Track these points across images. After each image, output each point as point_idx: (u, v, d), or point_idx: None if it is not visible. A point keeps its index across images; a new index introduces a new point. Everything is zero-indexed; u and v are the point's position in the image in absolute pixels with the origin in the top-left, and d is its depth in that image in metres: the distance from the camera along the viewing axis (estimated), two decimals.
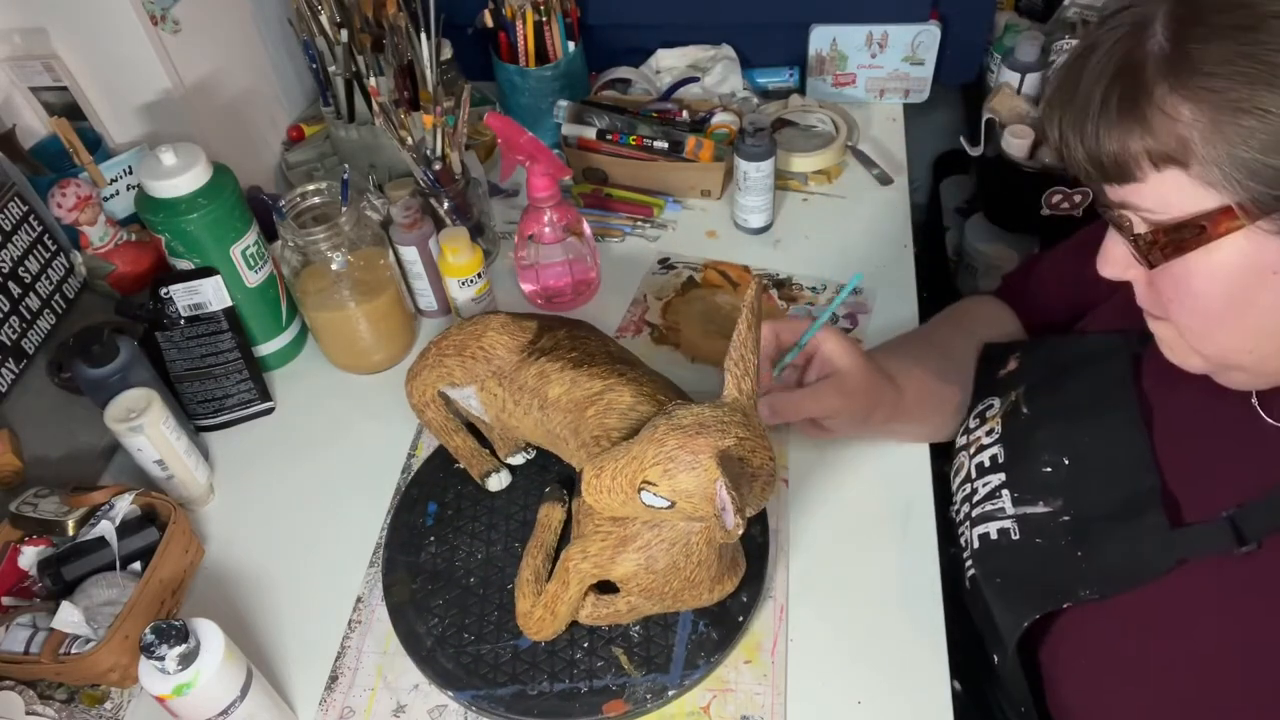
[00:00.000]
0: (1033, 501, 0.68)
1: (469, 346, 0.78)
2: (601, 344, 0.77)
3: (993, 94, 1.18)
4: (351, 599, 0.78)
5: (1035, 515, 0.67)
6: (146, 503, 0.79)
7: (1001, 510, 0.69)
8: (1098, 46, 0.51)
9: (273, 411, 0.94)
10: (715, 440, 0.57)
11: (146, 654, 0.59)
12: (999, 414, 0.74)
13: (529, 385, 0.74)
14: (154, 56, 0.98)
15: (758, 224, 1.07)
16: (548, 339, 0.76)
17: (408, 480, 0.86)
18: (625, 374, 0.72)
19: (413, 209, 0.93)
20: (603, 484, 0.61)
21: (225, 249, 0.87)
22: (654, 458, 0.58)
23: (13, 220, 0.96)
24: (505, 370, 0.76)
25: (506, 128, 0.94)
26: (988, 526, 0.70)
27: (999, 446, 0.72)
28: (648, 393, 0.70)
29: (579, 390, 0.72)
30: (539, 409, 0.74)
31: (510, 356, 0.76)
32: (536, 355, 0.75)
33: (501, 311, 0.81)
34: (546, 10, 1.12)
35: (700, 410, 0.60)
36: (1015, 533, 0.68)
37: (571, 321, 0.79)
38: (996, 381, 0.77)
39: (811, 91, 1.25)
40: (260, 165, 1.17)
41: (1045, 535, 0.66)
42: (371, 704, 0.72)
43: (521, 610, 0.72)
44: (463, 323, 0.80)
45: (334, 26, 1.03)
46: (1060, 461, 0.67)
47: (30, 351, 0.98)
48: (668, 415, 0.60)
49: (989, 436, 0.74)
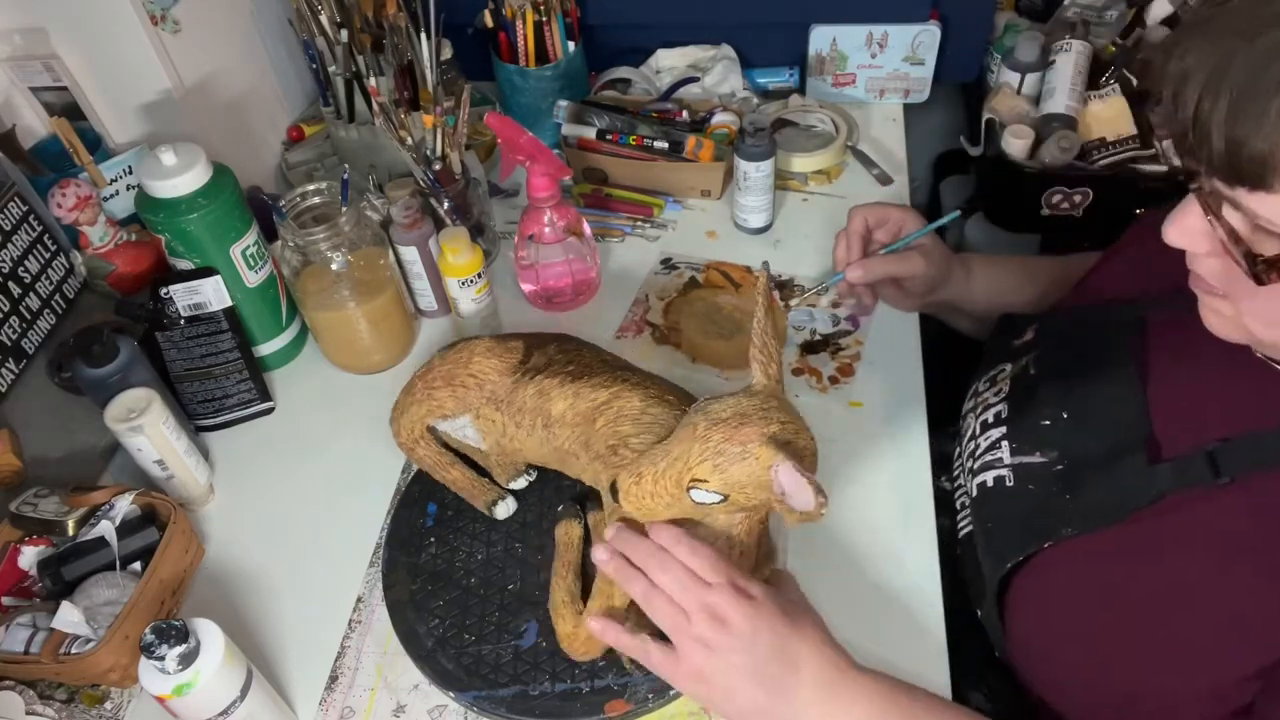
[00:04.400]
0: (1030, 452, 0.69)
1: (457, 375, 0.76)
2: (595, 354, 0.76)
3: (993, 94, 1.18)
4: (351, 599, 0.78)
5: (1031, 464, 0.68)
6: (146, 503, 0.79)
7: (1000, 460, 0.71)
8: (1269, 32, 0.45)
9: (273, 411, 0.94)
10: (760, 428, 0.57)
11: (146, 654, 0.59)
12: (1009, 375, 0.76)
13: (529, 405, 0.73)
14: (154, 56, 0.98)
15: (758, 224, 1.07)
16: (539, 356, 0.75)
17: (408, 480, 0.86)
18: (628, 380, 0.72)
19: (413, 209, 0.93)
20: (644, 489, 0.60)
21: (225, 249, 0.87)
22: (700, 454, 0.58)
23: (13, 220, 0.96)
24: (500, 394, 0.75)
25: (506, 128, 0.94)
26: (985, 475, 0.72)
27: (1004, 404, 0.74)
28: (655, 395, 0.70)
29: (584, 403, 0.71)
30: (543, 428, 0.73)
31: (502, 379, 0.75)
32: (531, 374, 0.74)
33: (483, 336, 0.80)
34: (546, 10, 1.12)
35: (736, 401, 0.59)
36: (1010, 479, 0.69)
37: (558, 336, 0.79)
38: (1011, 349, 0.79)
39: (811, 91, 1.25)
40: (260, 165, 1.17)
41: (1038, 483, 0.67)
42: (371, 704, 0.72)
43: (564, 633, 0.70)
44: (444, 351, 0.78)
45: (334, 26, 1.03)
46: (1059, 415, 0.69)
47: (30, 351, 0.98)
48: (704, 412, 0.60)
49: (996, 396, 0.76)
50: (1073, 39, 1.12)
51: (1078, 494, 0.64)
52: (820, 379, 0.91)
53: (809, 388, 0.91)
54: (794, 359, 0.93)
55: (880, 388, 0.90)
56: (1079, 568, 0.64)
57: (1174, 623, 0.58)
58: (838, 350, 0.94)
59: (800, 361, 0.93)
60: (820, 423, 0.87)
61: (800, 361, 0.93)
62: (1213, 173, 0.49)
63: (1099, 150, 1.11)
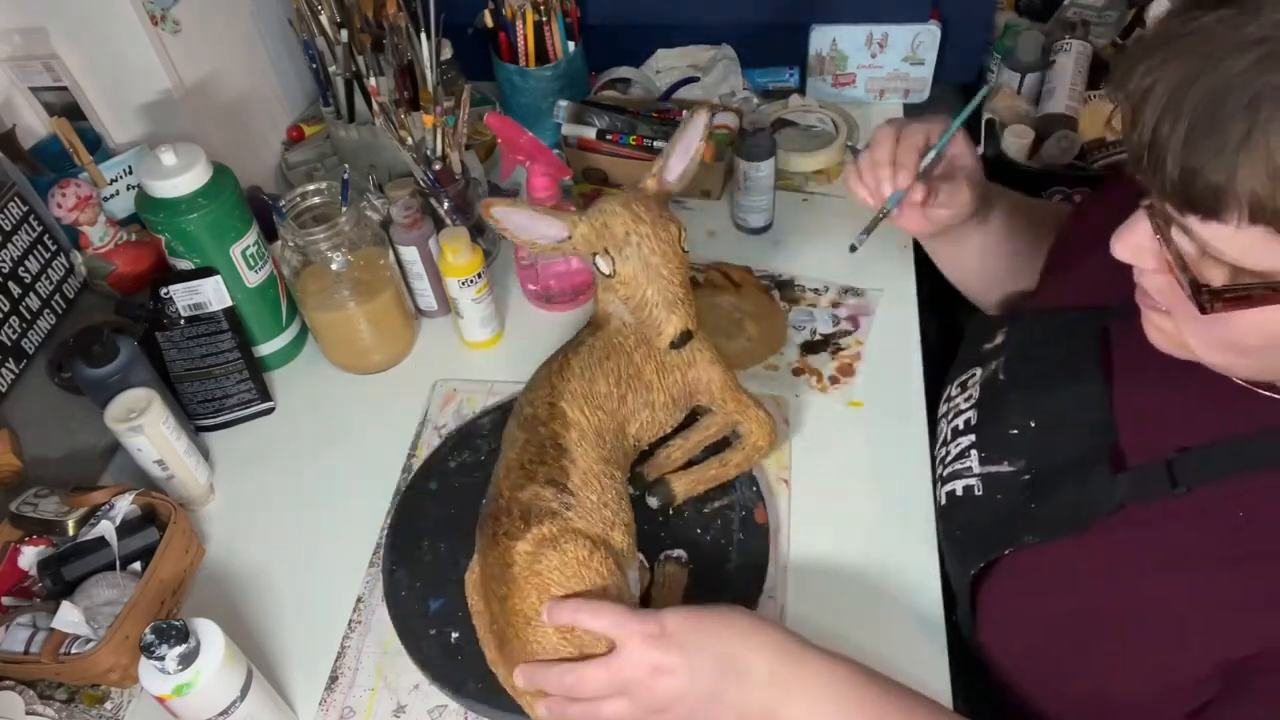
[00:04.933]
0: (998, 461, 0.69)
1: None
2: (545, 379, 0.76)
3: (993, 94, 1.18)
4: (351, 599, 0.78)
5: (999, 474, 0.68)
6: (146, 503, 0.79)
7: (969, 469, 0.71)
8: (1235, 58, 0.44)
9: (273, 411, 0.94)
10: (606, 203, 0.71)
11: (146, 654, 0.59)
12: (979, 381, 0.76)
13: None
14: (154, 56, 0.98)
15: (758, 224, 1.07)
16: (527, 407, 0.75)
17: (408, 480, 0.86)
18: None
19: (413, 209, 0.93)
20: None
21: (225, 249, 0.87)
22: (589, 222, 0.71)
23: (13, 220, 0.96)
24: (589, 432, 0.72)
25: (506, 128, 0.94)
26: (954, 484, 0.72)
27: (974, 410, 0.74)
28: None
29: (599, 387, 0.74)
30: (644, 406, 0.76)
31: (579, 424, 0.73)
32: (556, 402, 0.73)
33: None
34: (546, 10, 1.12)
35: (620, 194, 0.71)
36: (978, 489, 0.69)
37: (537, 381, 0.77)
38: (982, 353, 0.78)
39: (811, 91, 1.25)
40: (260, 165, 1.17)
41: (1005, 492, 0.67)
42: (371, 704, 0.72)
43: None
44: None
45: (334, 26, 1.03)
46: (1027, 424, 0.69)
47: (30, 351, 0.98)
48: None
49: (967, 402, 0.75)
50: (1073, 39, 1.12)
51: (1042, 502, 0.65)
52: (820, 379, 0.91)
53: (809, 387, 0.91)
54: (794, 359, 0.93)
55: (880, 388, 0.90)
56: (1042, 575, 0.64)
57: (1130, 630, 0.59)
58: (838, 350, 0.94)
59: (800, 361, 0.93)
60: (820, 423, 0.88)
61: (800, 361, 0.93)
62: (1165, 198, 0.48)
63: (1099, 150, 1.11)
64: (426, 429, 0.90)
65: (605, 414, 0.73)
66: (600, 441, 0.72)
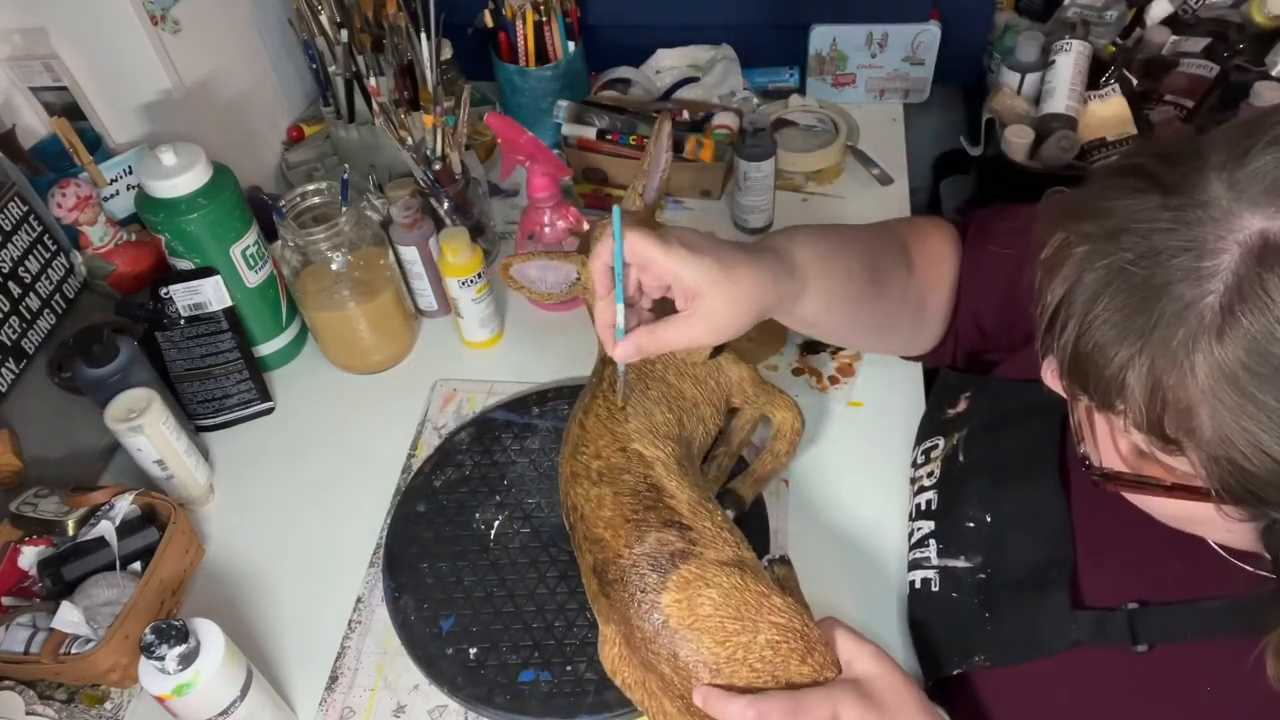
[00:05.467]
0: (955, 555, 0.68)
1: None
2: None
3: (993, 94, 1.18)
4: (351, 599, 0.78)
5: (956, 569, 0.67)
6: (146, 503, 0.79)
7: (928, 559, 0.70)
8: (1154, 255, 0.42)
9: (273, 411, 0.94)
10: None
11: (146, 654, 0.59)
12: (940, 456, 0.74)
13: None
14: (154, 56, 0.98)
15: (758, 224, 1.07)
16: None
17: (408, 480, 0.86)
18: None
19: (413, 209, 0.93)
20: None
21: (225, 249, 0.87)
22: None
23: (13, 220, 0.96)
24: (671, 464, 0.70)
25: (506, 128, 0.94)
26: (915, 574, 0.71)
27: (934, 492, 0.73)
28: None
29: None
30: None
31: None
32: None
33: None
34: (546, 10, 1.12)
35: None
36: (936, 584, 0.68)
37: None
38: (945, 420, 0.76)
39: (811, 92, 1.25)
40: (260, 165, 1.17)
41: (961, 590, 0.66)
42: (371, 704, 0.72)
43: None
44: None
45: (334, 26, 1.03)
46: (983, 518, 0.67)
47: (30, 351, 0.98)
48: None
49: (929, 479, 0.74)
50: (1073, 39, 1.12)
51: (997, 617, 0.63)
52: (820, 379, 0.91)
53: (809, 388, 0.91)
54: (794, 359, 0.93)
55: (880, 388, 0.90)
56: (993, 692, 0.64)
57: None
58: (838, 350, 0.94)
59: (800, 361, 0.93)
60: (820, 423, 0.88)
61: (800, 361, 0.93)
62: (1062, 374, 0.47)
63: (1099, 150, 1.11)
64: (426, 429, 0.90)
65: (674, 441, 0.71)
66: (682, 469, 0.69)
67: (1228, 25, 1.19)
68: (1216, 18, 1.20)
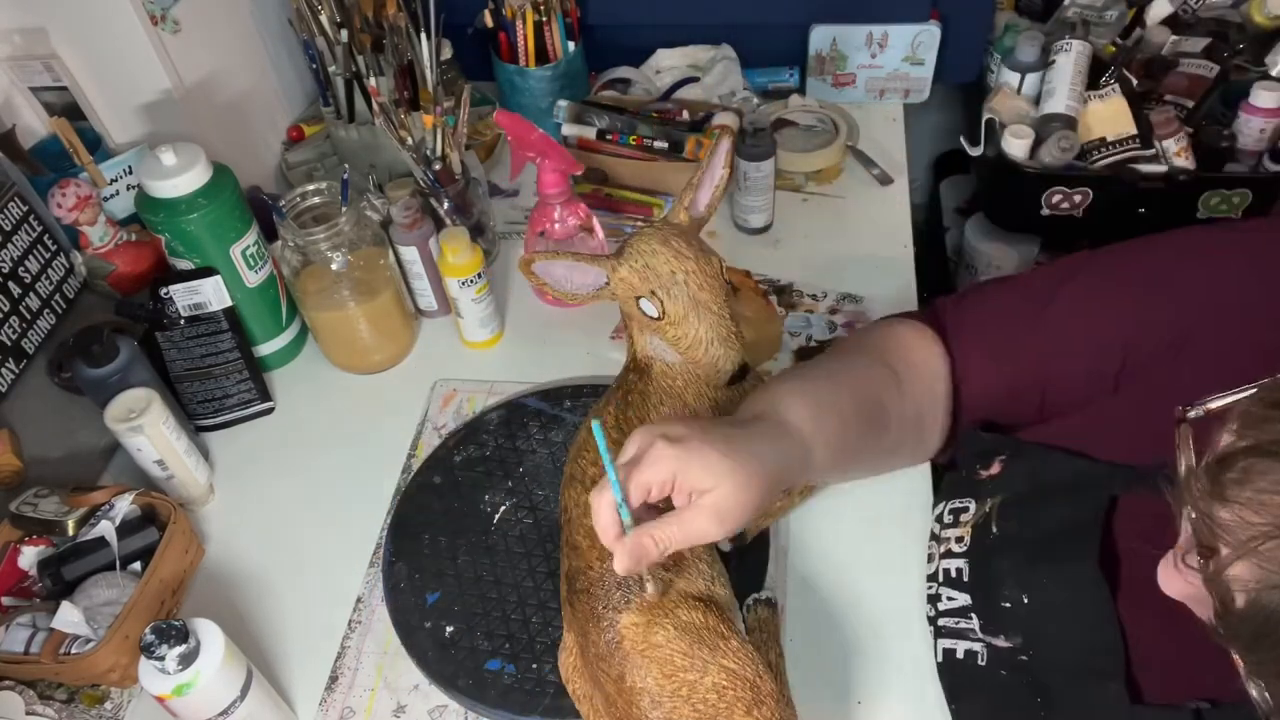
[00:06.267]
0: (995, 633, 0.66)
1: None
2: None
3: (993, 94, 1.18)
4: (351, 599, 0.78)
5: (999, 647, 0.65)
6: (146, 503, 0.79)
7: (973, 631, 0.67)
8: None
9: (273, 411, 0.94)
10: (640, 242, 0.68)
11: (146, 654, 0.59)
12: (971, 522, 0.70)
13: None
14: (154, 56, 0.98)
15: (758, 224, 1.07)
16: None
17: (408, 480, 0.86)
18: None
19: (413, 209, 0.93)
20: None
21: (225, 249, 0.87)
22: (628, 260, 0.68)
23: (13, 220, 0.96)
24: None
25: (516, 125, 0.94)
26: (957, 643, 0.68)
27: (965, 561, 0.69)
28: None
29: None
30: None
31: None
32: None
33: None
34: (546, 10, 1.12)
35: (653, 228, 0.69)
36: (982, 658, 0.66)
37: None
38: (977, 483, 0.71)
39: (811, 91, 1.25)
40: (260, 165, 1.17)
41: (1009, 669, 0.65)
42: (371, 704, 0.72)
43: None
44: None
45: (334, 26, 1.03)
46: (1019, 599, 0.65)
47: (30, 351, 0.98)
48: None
49: (959, 545, 0.71)
50: (1073, 39, 1.12)
51: (1051, 706, 0.61)
52: None
53: None
54: (788, 365, 0.93)
55: None
56: None
57: None
58: None
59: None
60: None
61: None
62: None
63: (1099, 150, 1.11)
64: (426, 429, 0.90)
65: None
66: None
67: (1228, 25, 1.19)
68: (1216, 18, 1.20)
